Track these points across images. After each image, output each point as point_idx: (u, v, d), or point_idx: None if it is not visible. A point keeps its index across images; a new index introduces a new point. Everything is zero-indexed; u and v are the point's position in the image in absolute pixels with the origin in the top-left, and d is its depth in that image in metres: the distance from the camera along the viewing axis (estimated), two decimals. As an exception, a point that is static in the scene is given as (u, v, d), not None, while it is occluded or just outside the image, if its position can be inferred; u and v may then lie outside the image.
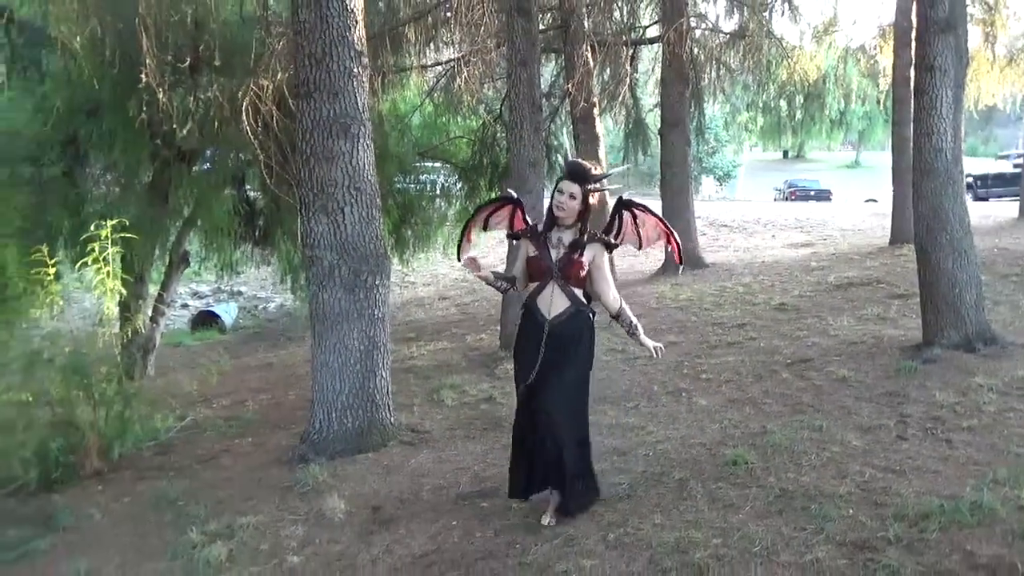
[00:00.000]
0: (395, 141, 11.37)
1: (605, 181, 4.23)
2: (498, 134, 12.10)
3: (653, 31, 13.58)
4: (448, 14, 10.10)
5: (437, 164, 13.13)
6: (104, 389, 6.29)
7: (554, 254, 4.04)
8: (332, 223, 5.75)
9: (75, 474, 5.99)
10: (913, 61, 7.48)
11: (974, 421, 5.08)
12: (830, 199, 36.84)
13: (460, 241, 4.51)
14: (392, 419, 6.06)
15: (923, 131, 6.65)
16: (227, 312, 19.98)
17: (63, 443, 5.95)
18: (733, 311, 9.43)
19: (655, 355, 4.21)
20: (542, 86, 9.96)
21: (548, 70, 13.41)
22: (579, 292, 4.06)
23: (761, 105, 18.58)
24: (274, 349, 13.32)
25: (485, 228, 4.48)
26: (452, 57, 11.76)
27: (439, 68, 12.31)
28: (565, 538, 3.95)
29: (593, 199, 4.02)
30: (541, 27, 10.45)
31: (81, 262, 6.66)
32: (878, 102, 18.22)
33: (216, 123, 8.57)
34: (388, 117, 11.38)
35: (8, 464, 5.62)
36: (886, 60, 14.68)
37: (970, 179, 26.83)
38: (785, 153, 57.01)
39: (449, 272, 18.13)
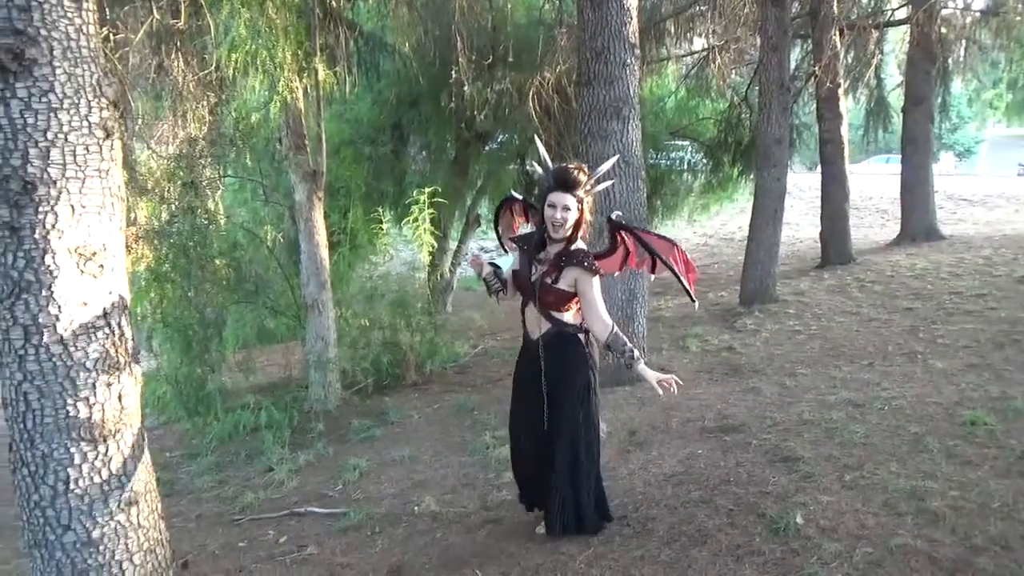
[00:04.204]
0: (650, 122, 11.18)
1: (601, 179, 3.23)
2: (742, 115, 11.52)
3: (900, 13, 12.14)
4: (705, 7, 9.70)
5: (685, 142, 12.78)
6: (419, 320, 6.92)
7: (539, 271, 3.21)
8: (604, 191, 5.81)
9: (399, 383, 6.68)
10: None
11: None
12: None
13: (499, 236, 3.92)
14: (645, 359, 6.06)
15: None
16: (506, 263, 21.00)
17: (390, 359, 6.64)
18: (971, 281, 8.35)
19: (659, 391, 3.18)
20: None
21: (792, 54, 12.51)
22: (562, 315, 3.21)
23: (1009, 81, 16.09)
24: (544, 295, 13.77)
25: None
26: (705, 46, 11.32)
27: (692, 57, 11.90)
28: (803, 475, 3.78)
29: (588, 205, 3.11)
30: (791, 15, 9.73)
31: (404, 221, 7.32)
32: None
33: (506, 109, 8.94)
34: (646, 100, 11.23)
35: (354, 371, 6.39)
36: None
37: None
38: (1032, 129, 49.13)
39: (691, 237, 17.65)
